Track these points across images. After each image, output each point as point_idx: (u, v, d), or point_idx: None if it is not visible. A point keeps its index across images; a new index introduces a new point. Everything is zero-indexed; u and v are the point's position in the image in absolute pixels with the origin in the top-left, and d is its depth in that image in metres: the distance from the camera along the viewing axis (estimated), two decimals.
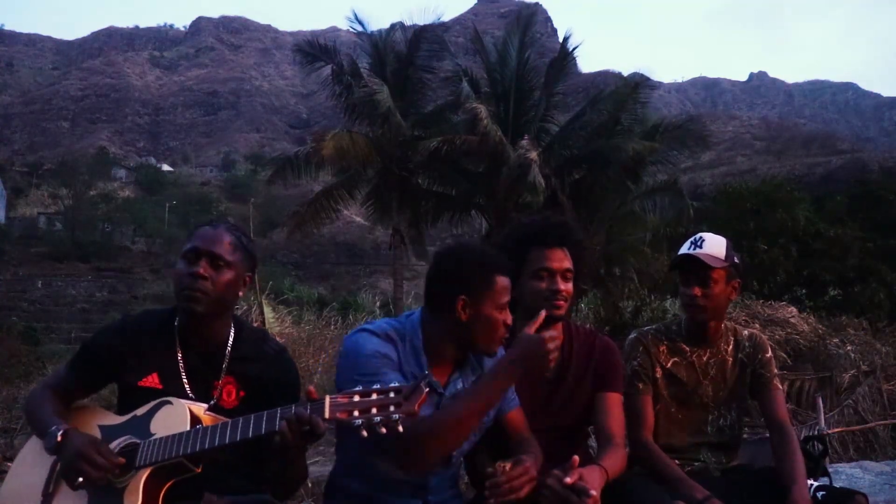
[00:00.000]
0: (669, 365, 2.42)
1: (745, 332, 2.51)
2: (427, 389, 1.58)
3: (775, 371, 2.48)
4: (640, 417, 2.34)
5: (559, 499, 1.81)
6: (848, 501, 2.12)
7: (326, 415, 1.61)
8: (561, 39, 19.22)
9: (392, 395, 1.57)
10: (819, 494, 2.17)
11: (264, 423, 1.68)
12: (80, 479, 1.78)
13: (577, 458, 1.87)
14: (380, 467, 1.95)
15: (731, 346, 2.46)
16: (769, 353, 2.47)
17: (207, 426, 1.76)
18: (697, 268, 2.32)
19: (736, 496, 2.24)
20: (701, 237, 2.37)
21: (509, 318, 1.98)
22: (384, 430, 1.55)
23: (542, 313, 2.00)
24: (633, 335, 2.52)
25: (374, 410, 1.56)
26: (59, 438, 1.84)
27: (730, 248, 2.36)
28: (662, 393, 2.41)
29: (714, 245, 2.34)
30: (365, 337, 1.94)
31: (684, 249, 2.37)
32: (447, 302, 1.93)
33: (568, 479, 1.82)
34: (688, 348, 2.44)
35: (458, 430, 1.83)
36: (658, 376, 2.41)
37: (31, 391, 2.19)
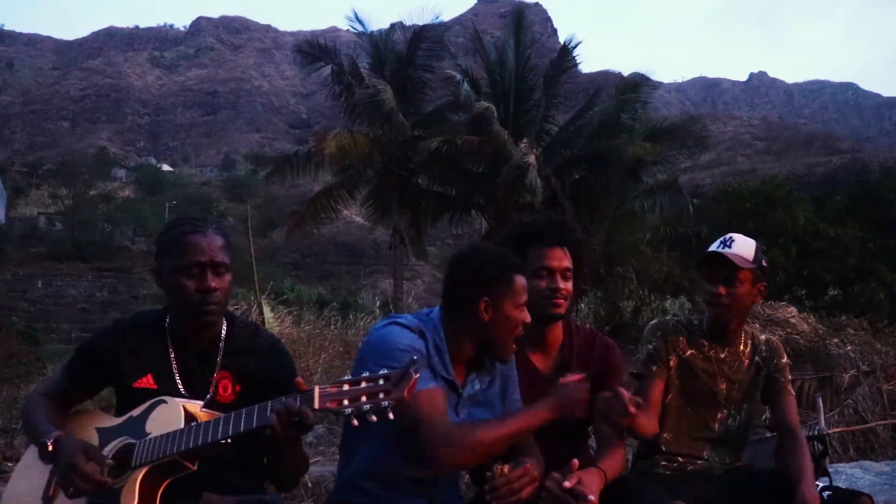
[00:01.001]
0: (687, 355, 2.43)
1: (763, 337, 2.53)
2: (417, 375, 1.58)
3: (789, 377, 2.50)
4: (645, 401, 2.31)
5: (558, 503, 1.82)
6: (853, 502, 2.12)
7: (316, 405, 1.60)
8: (561, 39, 19.26)
9: (381, 382, 1.57)
10: (825, 494, 2.17)
11: (255, 416, 1.68)
12: (72, 489, 1.78)
13: (576, 461, 1.87)
14: (397, 468, 1.96)
15: (748, 349, 2.47)
16: (785, 359, 2.49)
17: (200, 423, 1.75)
18: (725, 267, 2.34)
19: (738, 497, 2.24)
20: (731, 237, 2.39)
21: (528, 317, 2.00)
22: (374, 418, 1.55)
23: (580, 376, 2.04)
24: (653, 321, 2.56)
25: (363, 398, 1.56)
26: (49, 448, 1.82)
27: (758, 251, 2.38)
28: (675, 382, 2.41)
29: (743, 246, 2.36)
30: (399, 331, 1.95)
31: (714, 248, 2.39)
32: (469, 304, 1.96)
33: (567, 483, 1.82)
34: (706, 343, 2.45)
35: (490, 449, 1.87)
36: (672, 364, 2.42)
37: (27, 398, 2.18)
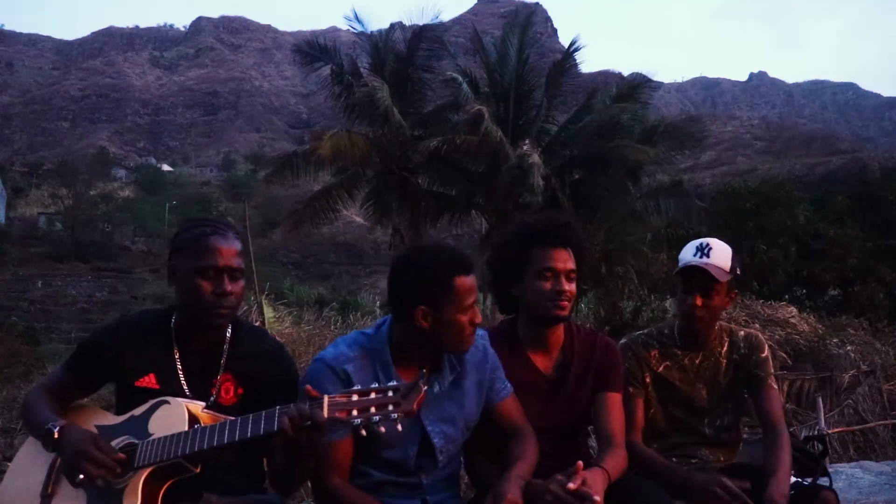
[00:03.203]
0: (661, 369, 2.41)
1: (742, 333, 2.48)
2: (425, 388, 1.58)
3: (771, 371, 2.46)
4: (629, 420, 2.32)
5: None
6: (814, 498, 2.11)
7: (325, 414, 1.60)
8: (561, 39, 19.34)
9: (390, 394, 1.57)
10: (791, 492, 2.15)
11: (263, 422, 1.67)
12: (81, 476, 1.77)
13: (580, 462, 1.87)
14: (374, 471, 1.96)
15: (724, 348, 2.44)
16: (765, 353, 2.45)
17: (206, 426, 1.75)
18: (703, 278, 2.30)
19: None
20: (708, 245, 2.34)
21: (477, 317, 1.94)
22: (383, 430, 1.54)
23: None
24: (623, 341, 2.50)
25: (372, 409, 1.56)
26: (56, 434, 1.82)
27: (734, 259, 2.34)
28: (654, 396, 2.40)
29: (721, 255, 2.32)
30: (324, 371, 1.91)
31: (690, 255, 2.34)
32: (407, 312, 1.91)
33: (571, 485, 1.81)
34: (680, 352, 2.43)
35: None
36: (647, 381, 2.40)
37: (27, 393, 2.18)
